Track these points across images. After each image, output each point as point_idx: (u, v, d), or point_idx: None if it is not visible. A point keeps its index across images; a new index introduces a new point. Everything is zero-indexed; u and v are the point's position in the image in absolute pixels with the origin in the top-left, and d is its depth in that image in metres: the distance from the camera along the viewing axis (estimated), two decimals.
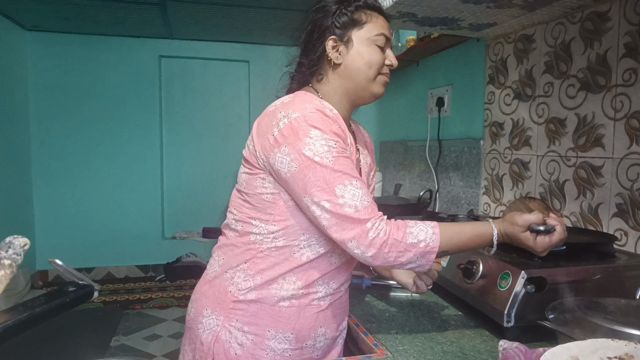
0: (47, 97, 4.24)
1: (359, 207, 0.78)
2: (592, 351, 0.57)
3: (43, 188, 4.28)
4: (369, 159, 1.02)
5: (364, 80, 0.91)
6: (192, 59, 4.54)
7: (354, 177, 0.80)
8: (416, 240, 0.79)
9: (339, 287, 0.94)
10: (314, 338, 0.90)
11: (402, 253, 0.79)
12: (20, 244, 0.66)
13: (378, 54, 0.91)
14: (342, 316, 0.97)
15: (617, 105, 1.08)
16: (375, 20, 0.92)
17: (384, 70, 0.93)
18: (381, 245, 0.78)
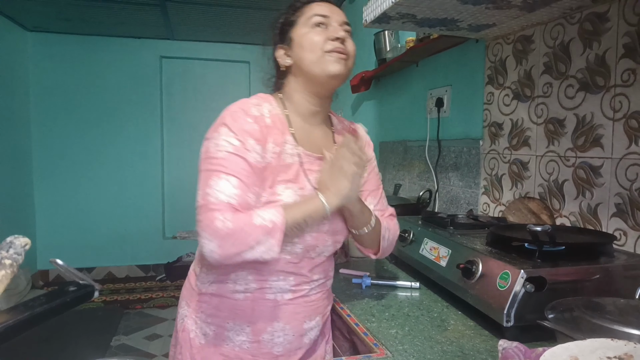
0: (48, 97, 4.24)
1: (220, 199, 0.79)
2: (591, 351, 0.58)
3: (44, 188, 4.29)
4: None
5: (312, 65, 0.91)
6: (193, 60, 4.54)
7: (234, 176, 0.81)
8: (261, 220, 0.79)
9: (301, 285, 0.93)
10: (271, 332, 0.91)
11: (251, 234, 0.78)
12: (21, 244, 0.66)
13: (317, 34, 0.91)
14: (309, 315, 0.95)
15: (616, 106, 1.09)
16: (308, 8, 0.95)
17: (327, 46, 0.90)
18: (229, 232, 0.77)
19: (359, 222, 0.94)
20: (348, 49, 0.92)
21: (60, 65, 4.25)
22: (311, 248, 0.92)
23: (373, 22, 1.32)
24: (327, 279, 1.01)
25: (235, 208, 0.80)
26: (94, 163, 4.39)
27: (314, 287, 0.96)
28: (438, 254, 1.13)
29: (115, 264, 4.52)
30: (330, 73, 0.90)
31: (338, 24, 0.93)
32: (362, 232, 0.96)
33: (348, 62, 0.93)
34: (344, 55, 0.91)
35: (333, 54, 0.90)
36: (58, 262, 0.68)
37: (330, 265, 1.02)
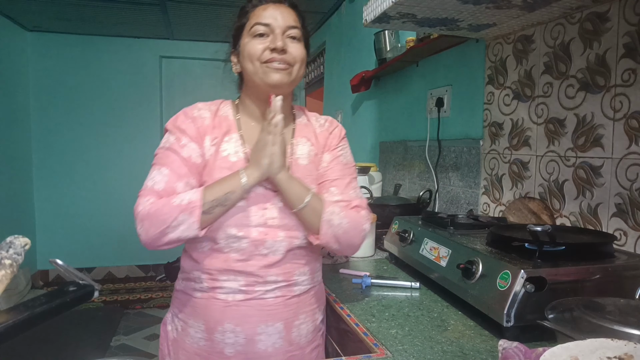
0: (48, 97, 4.24)
1: (147, 186, 0.90)
2: (591, 351, 0.58)
3: (44, 188, 4.29)
4: (308, 148, 1.01)
5: (253, 75, 0.94)
6: (193, 60, 4.54)
7: (165, 167, 0.90)
8: (179, 200, 0.85)
9: (254, 286, 0.92)
10: (222, 332, 0.92)
11: (168, 214, 0.84)
12: (21, 244, 0.66)
13: (256, 44, 0.93)
14: (264, 320, 0.93)
15: (617, 106, 1.09)
16: (253, 14, 0.96)
17: (264, 56, 0.92)
18: (146, 214, 0.85)
19: (289, 199, 0.91)
20: (290, 57, 0.93)
21: (60, 65, 4.25)
22: (259, 243, 0.91)
23: (373, 21, 1.32)
24: (290, 283, 0.95)
25: (160, 193, 0.88)
26: (94, 163, 4.39)
27: (271, 290, 0.93)
28: (438, 254, 1.13)
29: (115, 264, 4.52)
30: (268, 83, 0.93)
31: (281, 30, 0.93)
32: (296, 210, 0.91)
33: (291, 70, 0.94)
34: (283, 65, 0.92)
35: (271, 64, 0.92)
36: (58, 262, 0.68)
37: (297, 269, 0.96)
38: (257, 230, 0.91)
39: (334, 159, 1.02)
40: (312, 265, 1.01)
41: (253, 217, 0.91)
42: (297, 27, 0.95)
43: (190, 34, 4.20)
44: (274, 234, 0.92)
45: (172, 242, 0.87)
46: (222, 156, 0.94)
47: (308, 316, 1.00)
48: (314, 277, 1.02)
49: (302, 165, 0.98)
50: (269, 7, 0.95)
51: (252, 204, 0.92)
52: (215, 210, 0.87)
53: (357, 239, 0.97)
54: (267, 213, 0.92)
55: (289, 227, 0.94)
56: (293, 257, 0.96)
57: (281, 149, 0.89)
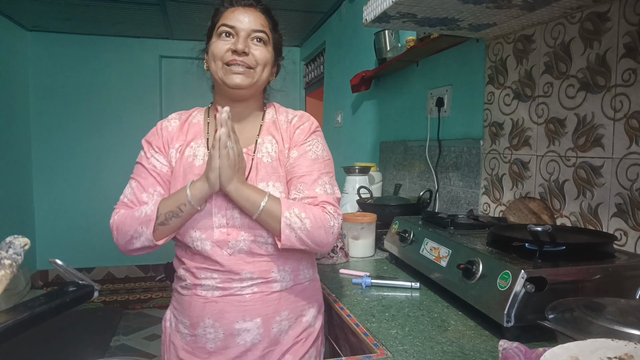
0: (48, 97, 4.24)
1: (120, 199, 0.99)
2: (591, 351, 0.57)
3: (43, 188, 4.29)
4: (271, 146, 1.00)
5: (216, 75, 0.98)
6: (193, 59, 4.54)
7: (134, 179, 0.99)
8: (139, 213, 0.92)
9: (230, 282, 0.94)
10: (203, 328, 0.96)
11: (130, 226, 0.92)
12: (21, 244, 0.66)
13: (219, 45, 0.96)
14: (242, 315, 0.94)
15: (617, 106, 1.09)
16: (222, 15, 0.99)
17: (227, 58, 0.95)
18: (116, 226, 0.94)
19: (245, 208, 0.91)
20: (251, 60, 0.95)
21: (60, 65, 4.25)
22: (222, 244, 0.93)
23: (373, 21, 1.31)
24: (267, 280, 0.95)
25: (128, 205, 0.97)
26: (94, 162, 4.39)
27: (248, 286, 0.94)
28: (438, 254, 1.13)
29: (114, 264, 4.52)
30: (229, 84, 0.96)
31: (246, 33, 0.96)
32: (255, 217, 0.90)
33: (253, 72, 0.96)
34: (242, 69, 0.95)
35: (232, 66, 0.95)
36: (57, 262, 0.68)
37: (274, 267, 0.96)
38: (219, 231, 0.94)
39: (302, 154, 0.99)
40: (293, 263, 0.99)
41: (215, 218, 0.94)
42: (262, 31, 0.97)
43: (190, 33, 4.20)
44: (236, 233, 0.93)
45: (139, 250, 0.94)
46: (187, 161, 0.98)
47: (292, 313, 0.99)
48: (299, 274, 1.01)
49: (266, 163, 0.97)
50: (237, 10, 0.98)
51: (214, 206, 0.94)
52: (171, 222, 0.91)
53: (324, 237, 0.92)
54: (229, 214, 0.94)
55: (252, 227, 0.93)
56: (266, 255, 0.95)
57: (227, 162, 0.87)
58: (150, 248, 0.93)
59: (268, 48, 0.99)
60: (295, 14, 3.55)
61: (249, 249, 0.94)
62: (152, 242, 0.91)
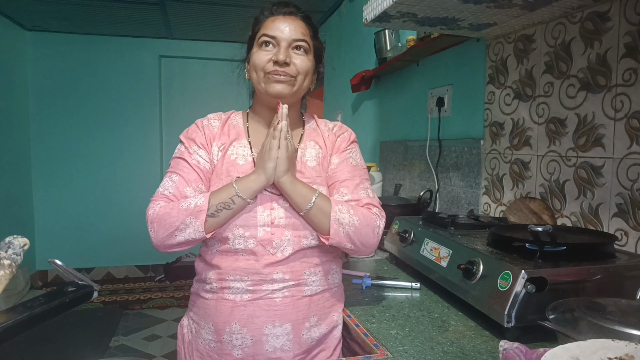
0: (47, 96, 4.24)
1: (159, 192, 0.96)
2: (592, 351, 0.57)
3: (43, 188, 4.28)
4: (316, 151, 1.03)
5: (257, 84, 0.99)
6: (192, 59, 4.54)
7: (175, 173, 0.97)
8: (187, 204, 0.90)
9: (261, 285, 0.93)
10: (229, 334, 0.93)
11: (177, 218, 0.89)
12: (20, 244, 0.66)
13: (261, 55, 0.97)
14: (272, 320, 0.93)
15: (617, 105, 1.08)
16: (263, 25, 0.99)
17: (268, 68, 0.96)
18: (157, 217, 0.90)
19: (295, 202, 0.92)
20: (292, 70, 0.96)
21: (59, 65, 4.24)
22: (266, 243, 0.93)
23: (373, 21, 1.31)
24: (298, 282, 0.95)
25: (169, 198, 0.94)
26: (93, 162, 4.38)
27: (279, 290, 0.93)
28: (439, 255, 1.13)
29: (114, 265, 4.52)
30: (270, 93, 0.97)
31: (287, 43, 0.96)
32: (304, 212, 0.91)
33: (294, 81, 0.97)
34: (284, 78, 0.96)
35: (272, 76, 0.96)
36: (57, 263, 0.68)
37: (307, 269, 0.96)
38: (263, 229, 0.93)
39: (343, 160, 1.03)
40: (325, 266, 0.99)
41: (260, 216, 0.93)
42: (304, 40, 0.97)
43: (190, 33, 4.20)
44: (281, 233, 0.93)
45: (181, 244, 0.91)
46: (229, 160, 0.98)
47: (321, 319, 0.98)
48: (329, 278, 1.00)
49: (310, 167, 0.99)
50: (278, 18, 0.98)
51: (259, 204, 0.94)
52: (222, 214, 0.90)
53: (371, 237, 0.95)
54: (274, 213, 0.94)
55: (296, 227, 0.94)
56: (302, 256, 0.96)
57: (286, 153, 0.90)
58: (194, 242, 0.91)
59: (309, 57, 0.99)
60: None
61: (291, 250, 0.94)
62: (202, 234, 0.89)
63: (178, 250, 0.93)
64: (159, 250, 0.93)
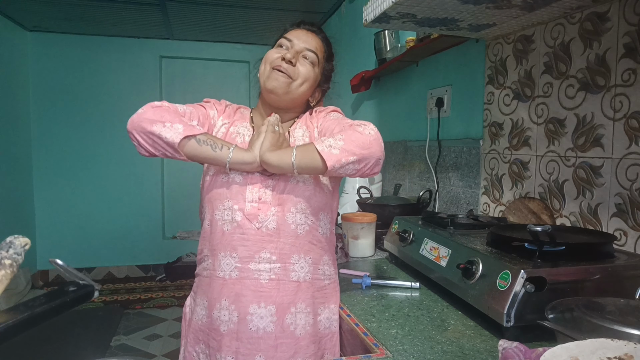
0: (48, 97, 4.24)
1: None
2: (591, 351, 0.58)
3: (44, 188, 4.28)
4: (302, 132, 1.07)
5: (261, 77, 1.06)
6: (193, 60, 4.54)
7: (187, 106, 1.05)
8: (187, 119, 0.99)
9: (248, 263, 0.97)
10: (219, 309, 0.98)
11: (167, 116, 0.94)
12: (21, 244, 0.66)
13: (273, 52, 1.05)
14: (257, 300, 0.96)
15: (617, 106, 1.09)
16: (288, 32, 1.09)
17: (275, 62, 1.02)
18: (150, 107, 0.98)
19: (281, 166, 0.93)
20: (294, 71, 1.03)
21: (60, 65, 4.25)
22: (252, 217, 0.97)
23: (373, 21, 1.31)
24: (285, 265, 0.97)
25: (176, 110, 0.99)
26: (94, 163, 4.38)
27: (265, 271, 0.97)
28: (438, 254, 1.13)
29: (115, 264, 4.52)
30: (266, 86, 1.04)
31: (299, 48, 1.04)
32: (295, 166, 0.91)
33: (291, 82, 1.03)
34: (283, 75, 1.02)
35: (274, 71, 1.02)
36: (58, 262, 0.68)
37: (294, 252, 0.98)
38: (251, 205, 0.98)
39: (326, 121, 1.06)
40: (315, 254, 1.02)
41: (249, 193, 0.98)
42: (315, 52, 1.06)
43: (190, 34, 4.20)
44: (267, 208, 0.98)
45: (152, 135, 0.92)
46: (231, 137, 1.05)
47: (309, 307, 1.00)
48: (319, 269, 1.03)
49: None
50: (300, 30, 1.09)
51: (249, 183, 0.99)
52: (202, 149, 0.93)
53: (367, 139, 0.92)
54: (262, 192, 0.98)
55: (282, 202, 0.98)
56: (291, 238, 0.98)
57: (271, 137, 0.95)
58: (163, 143, 0.92)
59: (315, 68, 1.06)
60: (295, 14, 3.55)
61: (277, 226, 0.97)
62: (178, 138, 0.90)
63: (144, 139, 0.94)
64: (128, 127, 0.95)
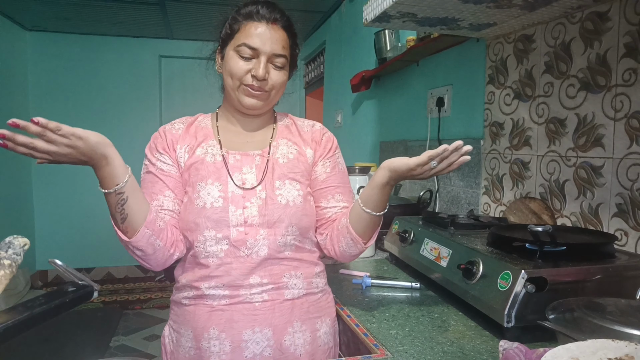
0: (47, 97, 4.24)
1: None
2: (592, 352, 0.57)
3: (43, 188, 4.28)
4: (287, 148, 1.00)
5: (231, 90, 0.96)
6: (192, 59, 4.54)
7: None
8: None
9: (238, 289, 0.90)
10: (207, 339, 0.89)
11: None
12: (20, 244, 0.66)
13: (238, 63, 0.93)
14: (251, 325, 0.89)
15: (617, 105, 1.08)
16: (244, 29, 0.94)
17: (246, 80, 0.93)
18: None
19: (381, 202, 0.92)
20: (268, 85, 0.94)
21: (59, 65, 4.24)
22: (240, 243, 0.89)
23: (373, 21, 1.31)
24: (279, 285, 0.92)
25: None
26: None
27: (257, 293, 0.90)
28: (439, 254, 1.13)
29: (114, 265, 4.52)
30: (243, 104, 0.96)
31: (266, 57, 0.93)
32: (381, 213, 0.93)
33: (268, 95, 0.96)
34: (259, 93, 0.94)
35: (248, 90, 0.94)
36: (57, 263, 0.68)
37: (286, 271, 0.93)
38: (236, 230, 0.90)
39: (334, 166, 1.03)
40: (306, 269, 0.96)
41: (232, 216, 0.90)
42: (283, 56, 0.95)
43: (190, 33, 4.20)
44: (255, 232, 0.90)
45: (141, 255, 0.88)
46: (198, 157, 0.95)
47: (305, 325, 0.94)
48: (312, 282, 0.97)
49: (282, 164, 0.97)
50: (260, 26, 0.93)
51: (230, 203, 0.91)
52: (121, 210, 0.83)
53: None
54: (247, 212, 0.91)
55: (271, 224, 0.91)
56: (280, 258, 0.93)
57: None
58: (143, 254, 0.87)
59: (285, 70, 0.98)
60: (295, 13, 3.53)
61: (267, 250, 0.91)
62: (124, 240, 0.85)
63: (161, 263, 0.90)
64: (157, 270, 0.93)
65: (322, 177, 1.01)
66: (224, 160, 0.95)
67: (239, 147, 0.98)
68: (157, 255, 0.88)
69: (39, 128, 0.72)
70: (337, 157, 1.05)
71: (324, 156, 1.02)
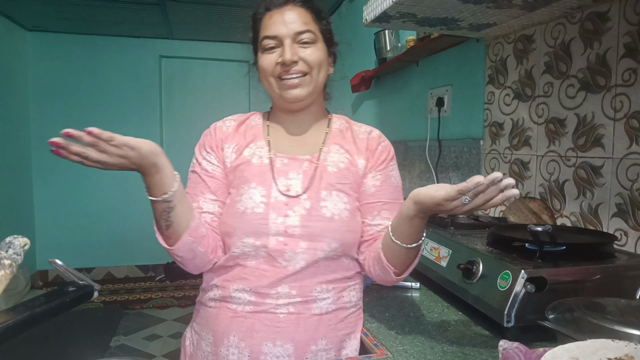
0: (48, 97, 4.24)
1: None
2: (592, 352, 0.57)
3: (43, 188, 4.28)
4: (338, 156, 0.93)
5: (269, 90, 0.93)
6: (192, 59, 4.54)
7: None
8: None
9: (264, 298, 0.85)
10: (227, 346, 0.85)
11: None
12: (20, 244, 0.66)
13: (266, 59, 0.89)
14: (272, 337, 0.83)
15: (617, 106, 1.09)
16: (262, 25, 0.91)
17: (277, 71, 0.88)
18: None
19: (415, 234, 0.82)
20: (304, 66, 0.88)
21: (60, 65, 4.24)
22: (278, 254, 0.84)
23: (373, 21, 1.31)
24: (307, 299, 0.85)
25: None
26: None
27: (284, 305, 0.84)
28: (438, 254, 1.13)
29: (114, 264, 4.52)
30: (286, 98, 0.90)
31: (290, 39, 0.87)
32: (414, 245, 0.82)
33: (308, 78, 0.89)
34: (297, 79, 0.88)
35: (285, 81, 0.88)
36: (57, 263, 0.68)
37: (317, 285, 0.86)
38: (275, 239, 0.84)
39: (386, 179, 0.94)
40: (339, 284, 0.89)
41: (272, 224, 0.84)
42: (307, 30, 0.88)
43: (190, 33, 4.20)
44: (295, 244, 0.84)
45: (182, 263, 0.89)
46: (244, 159, 0.91)
47: (331, 343, 0.87)
48: (344, 296, 0.89)
49: (330, 172, 0.90)
50: (274, 14, 0.88)
51: (272, 209, 0.85)
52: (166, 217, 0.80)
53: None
54: (288, 221, 0.85)
55: (312, 238, 0.84)
56: (315, 271, 0.86)
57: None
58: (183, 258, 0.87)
59: (318, 45, 0.89)
60: None
61: (305, 264, 0.84)
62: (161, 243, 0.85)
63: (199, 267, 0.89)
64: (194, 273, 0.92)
65: (370, 190, 0.92)
66: (270, 164, 0.90)
67: (287, 150, 0.93)
68: (196, 261, 0.87)
69: (92, 138, 0.72)
70: (390, 170, 0.95)
71: (376, 167, 0.94)
